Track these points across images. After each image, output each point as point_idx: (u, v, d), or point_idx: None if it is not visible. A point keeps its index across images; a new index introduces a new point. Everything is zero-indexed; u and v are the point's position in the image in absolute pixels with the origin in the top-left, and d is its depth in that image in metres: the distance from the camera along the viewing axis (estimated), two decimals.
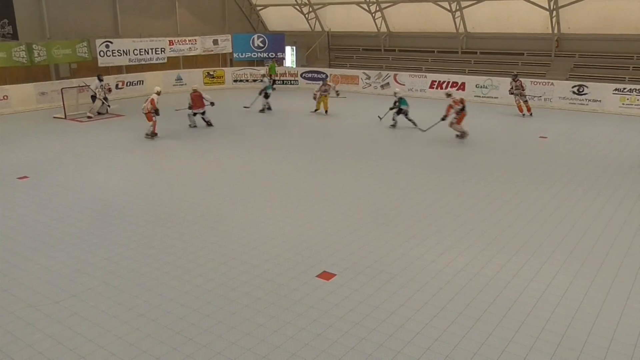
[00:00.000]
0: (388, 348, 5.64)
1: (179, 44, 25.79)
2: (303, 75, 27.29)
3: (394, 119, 17.20)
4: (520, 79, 19.42)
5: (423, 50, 26.56)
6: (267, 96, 19.80)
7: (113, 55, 23.13)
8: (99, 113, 19.25)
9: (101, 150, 14.47)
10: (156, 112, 15.17)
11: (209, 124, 17.21)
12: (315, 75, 26.92)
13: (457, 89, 22.86)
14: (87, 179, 11.75)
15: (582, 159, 13.44)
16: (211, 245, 8.29)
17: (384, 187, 11.28)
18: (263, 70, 25.39)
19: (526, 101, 19.35)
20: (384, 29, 27.72)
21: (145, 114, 15.29)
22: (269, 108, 19.99)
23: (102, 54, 22.65)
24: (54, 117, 18.76)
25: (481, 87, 22.62)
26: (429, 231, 8.81)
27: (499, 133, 16.89)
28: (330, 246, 8.22)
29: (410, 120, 16.99)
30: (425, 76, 24.18)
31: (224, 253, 7.99)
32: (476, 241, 8.40)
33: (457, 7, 24.48)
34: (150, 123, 15.30)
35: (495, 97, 22.08)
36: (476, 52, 25.31)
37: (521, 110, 19.34)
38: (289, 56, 30.73)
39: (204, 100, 16.73)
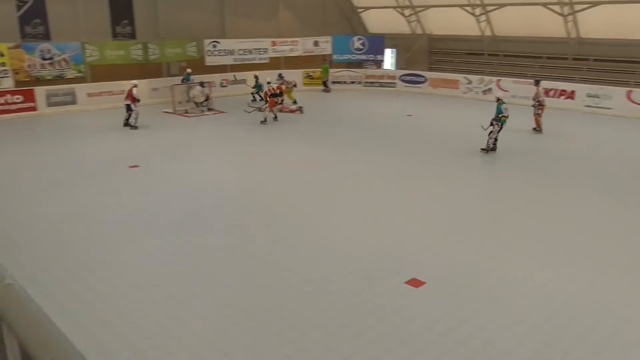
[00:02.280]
0: None
1: (281, 45, 26.50)
2: (401, 78, 27.01)
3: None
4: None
5: (530, 55, 25.28)
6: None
7: (219, 55, 24.23)
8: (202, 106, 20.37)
9: (204, 143, 15.22)
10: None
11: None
12: (414, 78, 26.56)
13: (566, 98, 21.56)
14: (191, 170, 12.38)
15: None
16: (301, 242, 8.41)
17: (479, 195, 10.87)
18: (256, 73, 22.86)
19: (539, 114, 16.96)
20: (488, 32, 26.74)
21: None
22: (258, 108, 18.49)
23: (209, 53, 23.81)
24: (164, 112, 19.99)
25: (593, 96, 21.13)
26: (525, 244, 8.37)
27: (609, 146, 15.68)
28: (421, 253, 8.05)
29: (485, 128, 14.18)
30: (529, 82, 22.99)
31: (313, 251, 8.08)
32: (579, 259, 7.86)
33: (570, 11, 23.05)
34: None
35: (608, 108, 20.55)
36: (589, 59, 23.67)
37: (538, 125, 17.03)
38: (388, 59, 30.53)
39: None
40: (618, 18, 22.12)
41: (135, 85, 17.31)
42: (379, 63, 28.20)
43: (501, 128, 14.01)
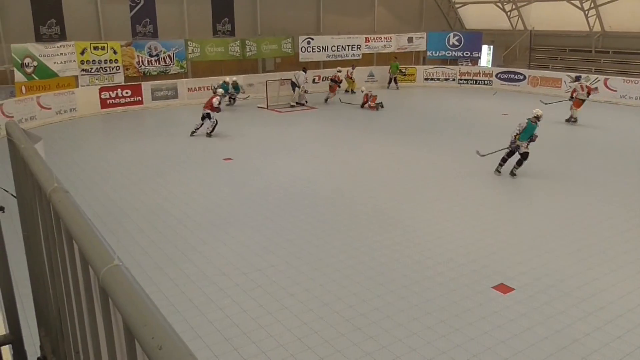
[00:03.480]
0: None
1: (375, 41, 26.40)
2: (498, 75, 25.99)
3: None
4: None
5: None
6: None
7: (313, 51, 24.59)
8: (297, 103, 20.74)
9: (295, 138, 15.55)
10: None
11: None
12: (512, 76, 25.46)
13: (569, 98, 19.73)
14: (282, 164, 12.71)
15: None
16: (387, 240, 8.38)
17: (575, 204, 10.25)
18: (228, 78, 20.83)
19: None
20: (597, 28, 25.01)
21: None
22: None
23: (303, 49, 24.23)
24: (258, 107, 20.64)
25: None
26: (624, 259, 7.79)
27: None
28: (511, 259, 7.75)
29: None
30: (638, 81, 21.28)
31: (398, 250, 8.03)
32: None
33: None
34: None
35: None
36: None
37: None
38: (485, 55, 29.46)
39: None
40: None
41: (218, 95, 16.15)
42: (475, 60, 27.32)
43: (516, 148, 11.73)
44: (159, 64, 20.91)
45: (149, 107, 20.36)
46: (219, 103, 15.75)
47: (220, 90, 17.04)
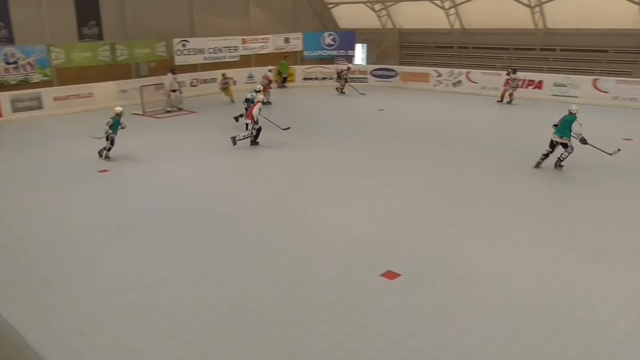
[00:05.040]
0: (453, 352, 5.50)
1: (252, 43, 26.34)
2: (372, 72, 27.15)
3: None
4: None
5: (498, 47, 25.64)
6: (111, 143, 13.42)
7: (189, 54, 23.95)
8: (174, 107, 20.10)
9: (176, 145, 15.03)
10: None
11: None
12: (386, 72, 26.72)
13: (534, 88, 21.95)
14: (163, 173, 12.23)
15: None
16: (277, 240, 8.40)
17: (454, 186, 11.01)
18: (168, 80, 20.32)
19: (511, 93, 21.06)
20: (457, 25, 27.03)
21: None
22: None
23: (178, 52, 23.51)
24: (133, 114, 19.67)
25: (560, 85, 21.57)
26: (501, 234, 8.52)
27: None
28: (395, 246, 8.12)
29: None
30: (500, 74, 23.34)
31: (288, 249, 8.08)
32: (553, 248, 8.04)
33: (537, 2, 23.45)
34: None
35: (575, 97, 20.99)
36: (555, 49, 24.13)
37: (503, 98, 21.08)
38: (359, 54, 30.60)
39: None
40: (583, 8, 22.58)
41: (259, 101, 14.66)
42: (350, 58, 28.26)
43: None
44: (19, 72, 19.16)
45: (9, 119, 18.57)
46: (259, 112, 14.25)
47: (260, 96, 15.02)
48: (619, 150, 11.95)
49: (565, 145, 11.80)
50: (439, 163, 12.88)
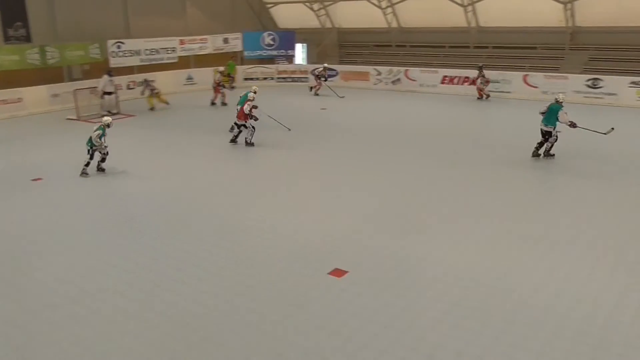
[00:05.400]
0: (402, 344, 5.60)
1: (190, 43, 25.84)
2: (313, 72, 27.22)
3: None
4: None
5: (434, 45, 26.34)
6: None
7: (125, 56, 23.22)
8: (109, 112, 19.42)
9: (114, 150, 14.53)
10: None
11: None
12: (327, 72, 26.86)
13: (470, 84, 22.66)
14: (101, 180, 11.80)
15: (594, 153, 13.24)
16: (224, 242, 8.29)
17: (396, 182, 11.21)
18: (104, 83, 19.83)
19: (482, 89, 21.50)
20: (394, 24, 27.55)
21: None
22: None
23: (113, 54, 22.75)
24: (67, 119, 18.89)
25: (493, 81, 22.38)
26: (444, 227, 8.75)
27: (514, 128, 16.70)
28: (342, 243, 8.18)
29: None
30: (437, 71, 24.00)
31: (235, 252, 7.99)
32: (492, 239, 8.33)
33: (470, 1, 24.24)
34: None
35: (508, 92, 21.86)
36: (488, 47, 25.04)
37: (481, 95, 21.55)
38: (299, 54, 30.65)
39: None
40: (512, 7, 23.54)
41: (250, 100, 14.39)
42: (290, 58, 28.25)
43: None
44: None
45: None
46: (250, 109, 14.06)
47: (252, 95, 14.72)
48: (613, 129, 12.39)
49: (550, 134, 12.25)
50: (383, 160, 13.08)
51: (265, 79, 27.12)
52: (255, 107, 14.27)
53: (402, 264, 7.46)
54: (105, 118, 12.41)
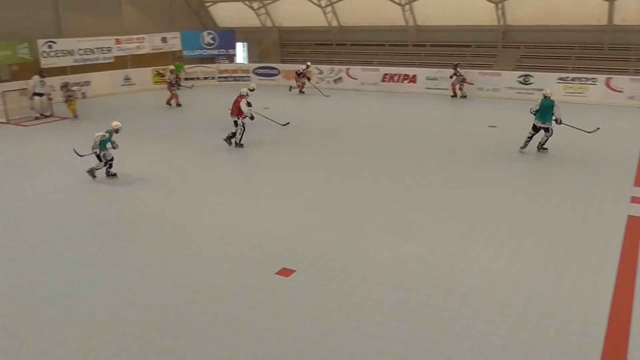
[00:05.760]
0: (352, 341, 5.68)
1: (127, 43, 25.10)
2: (255, 71, 27.12)
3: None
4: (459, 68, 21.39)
5: (374, 43, 26.77)
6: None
7: (57, 56, 22.29)
8: (42, 115, 18.60)
9: (47, 155, 13.94)
10: None
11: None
12: (268, 71, 26.80)
13: (409, 82, 23.18)
14: (33, 186, 11.30)
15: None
16: (168, 247, 8.12)
17: (338, 179, 11.33)
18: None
19: (461, 88, 21.44)
20: (334, 23, 27.78)
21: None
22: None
23: (44, 54, 21.80)
24: None
25: (432, 79, 23.00)
26: (391, 223, 8.91)
27: (451, 122, 17.24)
28: (288, 243, 8.19)
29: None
30: (378, 70, 24.40)
31: (180, 256, 7.85)
32: (436, 231, 8.57)
33: (407, 0, 24.77)
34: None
35: (446, 89, 22.51)
36: (426, 45, 25.69)
37: (455, 93, 21.57)
38: (240, 53, 30.39)
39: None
40: (448, 6, 24.26)
41: (243, 95, 14.07)
42: (231, 57, 27.97)
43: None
44: None
45: None
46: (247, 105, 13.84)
47: (245, 90, 14.41)
48: (598, 129, 12.83)
49: (547, 130, 12.68)
50: (326, 159, 13.18)
51: (206, 78, 26.76)
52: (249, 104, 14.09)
53: (350, 261, 7.55)
54: (115, 123, 11.44)
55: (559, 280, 6.90)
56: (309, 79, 23.62)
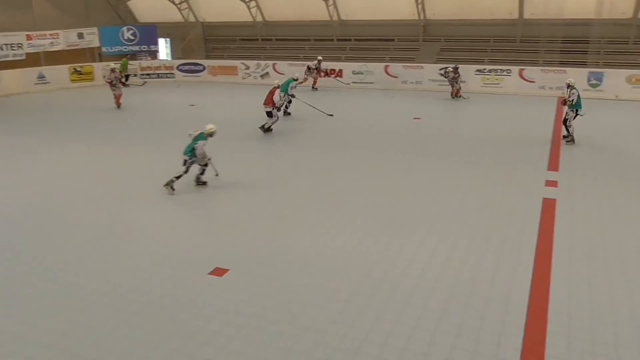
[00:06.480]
0: (289, 334, 5.70)
1: (39, 39, 23.74)
2: (179, 67, 26.48)
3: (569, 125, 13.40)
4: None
5: (300, 38, 26.85)
6: None
7: None
8: None
9: None
10: None
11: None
12: (193, 67, 26.25)
13: (335, 76, 23.42)
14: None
15: (452, 135, 14.44)
16: (98, 252, 7.80)
17: (275, 178, 11.31)
18: None
19: (459, 88, 20.37)
20: (259, 18, 27.58)
21: None
22: None
23: None
24: None
25: (358, 73, 23.38)
26: (323, 218, 9.00)
27: (375, 116, 17.60)
28: (219, 242, 8.10)
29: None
30: (304, 65, 24.45)
31: (109, 261, 7.56)
32: (373, 222, 8.74)
33: None
34: None
35: (370, 82, 22.95)
36: (351, 39, 26.07)
37: (456, 94, 20.38)
38: (163, 49, 29.54)
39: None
40: (370, 1, 24.72)
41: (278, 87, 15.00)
42: (153, 54, 27.15)
43: (576, 114, 13.19)
44: None
45: None
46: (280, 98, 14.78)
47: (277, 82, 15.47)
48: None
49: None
50: (257, 155, 13.11)
51: (135, 76, 25.88)
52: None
53: (283, 257, 7.56)
54: (210, 126, 10.48)
55: (481, 263, 7.24)
56: (323, 74, 22.68)
